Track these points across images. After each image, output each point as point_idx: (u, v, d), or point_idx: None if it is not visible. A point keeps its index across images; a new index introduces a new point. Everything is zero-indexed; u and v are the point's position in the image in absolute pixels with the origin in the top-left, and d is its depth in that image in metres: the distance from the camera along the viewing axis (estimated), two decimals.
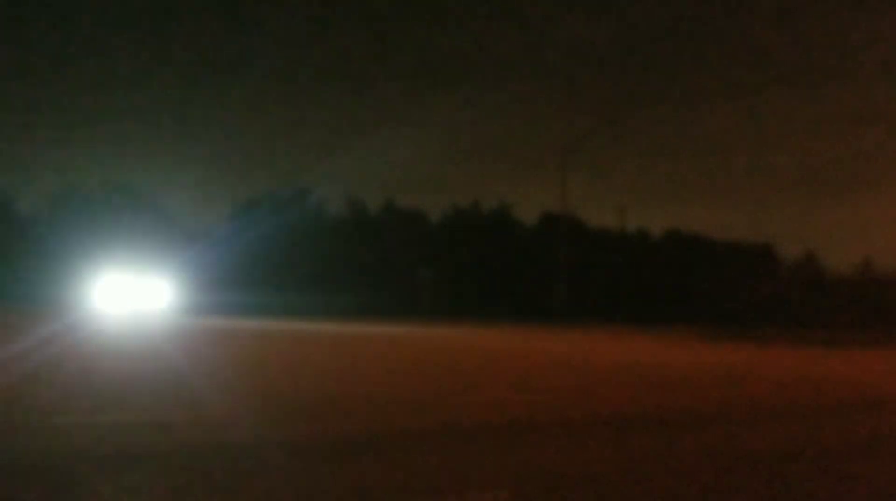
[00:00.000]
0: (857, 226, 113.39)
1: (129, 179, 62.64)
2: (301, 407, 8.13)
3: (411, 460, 5.48)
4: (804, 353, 23.30)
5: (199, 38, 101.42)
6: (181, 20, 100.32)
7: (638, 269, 64.05)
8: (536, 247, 57.16)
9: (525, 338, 27.13)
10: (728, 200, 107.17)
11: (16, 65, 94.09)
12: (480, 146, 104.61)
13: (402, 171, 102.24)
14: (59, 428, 6.42)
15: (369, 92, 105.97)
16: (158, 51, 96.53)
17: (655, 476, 5.28)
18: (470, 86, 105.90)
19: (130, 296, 25.03)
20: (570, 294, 47.28)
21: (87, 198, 59.00)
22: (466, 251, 58.46)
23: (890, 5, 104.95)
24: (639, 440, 6.70)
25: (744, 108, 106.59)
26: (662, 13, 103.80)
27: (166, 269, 30.34)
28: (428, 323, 36.88)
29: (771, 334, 39.10)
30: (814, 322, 67.65)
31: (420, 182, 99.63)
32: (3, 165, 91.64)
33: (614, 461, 5.69)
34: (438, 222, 65.49)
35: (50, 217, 58.14)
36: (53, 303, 35.87)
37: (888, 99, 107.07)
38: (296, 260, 52.20)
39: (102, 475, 4.88)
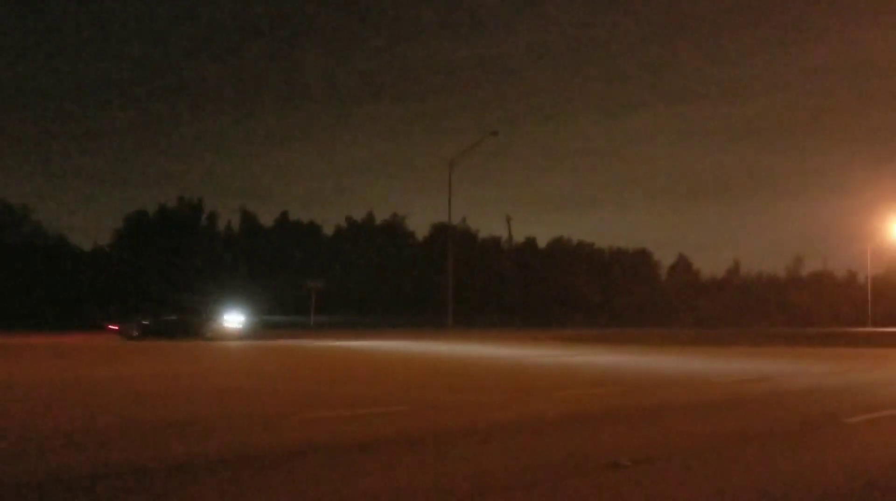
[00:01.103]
0: (726, 232, 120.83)
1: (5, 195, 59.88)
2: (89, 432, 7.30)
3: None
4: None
5: (83, 54, 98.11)
6: (65, 35, 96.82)
7: (525, 275, 66.14)
8: (428, 257, 58.41)
9: (404, 346, 27.32)
10: (609, 208, 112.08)
11: None
12: (375, 160, 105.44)
13: (298, 185, 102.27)
14: None
15: (264, 108, 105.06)
16: (42, 66, 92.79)
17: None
18: (365, 102, 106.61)
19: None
20: (460, 302, 48.37)
21: None
22: (360, 262, 59.08)
23: (766, 25, 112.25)
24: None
25: (623, 123, 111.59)
26: (552, 35, 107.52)
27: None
28: (314, 336, 36.31)
29: (630, 334, 40.97)
30: (689, 321, 71.75)
31: (315, 195, 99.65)
32: None
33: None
34: (333, 234, 65.91)
35: None
36: None
37: (754, 116, 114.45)
38: (186, 275, 51.51)
39: None
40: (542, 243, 76.89)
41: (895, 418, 10.07)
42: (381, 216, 67.94)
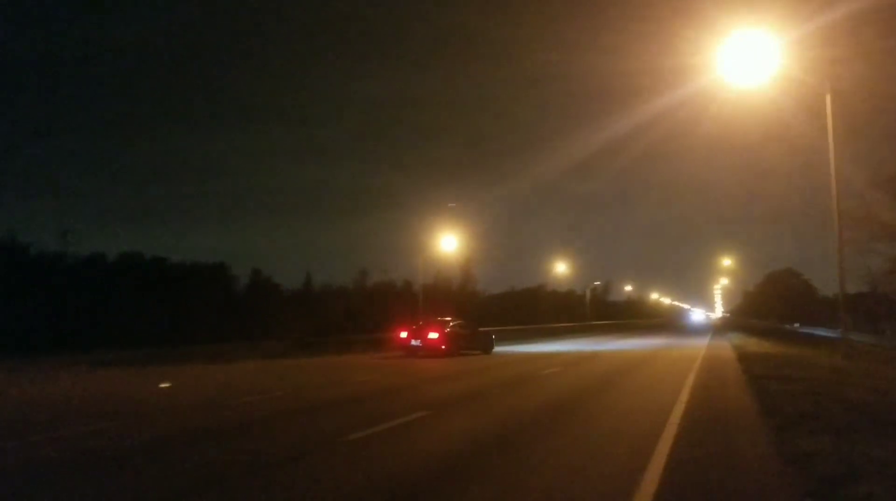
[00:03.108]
0: (301, 246, 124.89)
1: None
2: None
3: None
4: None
5: None
6: None
7: (88, 293, 59.52)
8: None
9: None
10: (187, 223, 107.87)
11: None
12: None
13: None
14: None
15: None
16: None
17: None
18: None
19: None
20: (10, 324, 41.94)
21: None
22: None
23: (340, 54, 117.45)
24: None
25: (204, 139, 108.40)
26: (125, 39, 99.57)
27: None
28: None
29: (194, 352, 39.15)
30: (267, 334, 71.29)
31: None
32: None
33: None
34: None
35: None
36: None
37: (327, 138, 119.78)
38: None
39: None
40: (111, 258, 70.68)
41: (393, 430, 10.09)
42: None
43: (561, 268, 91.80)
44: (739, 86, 26.89)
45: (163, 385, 18.41)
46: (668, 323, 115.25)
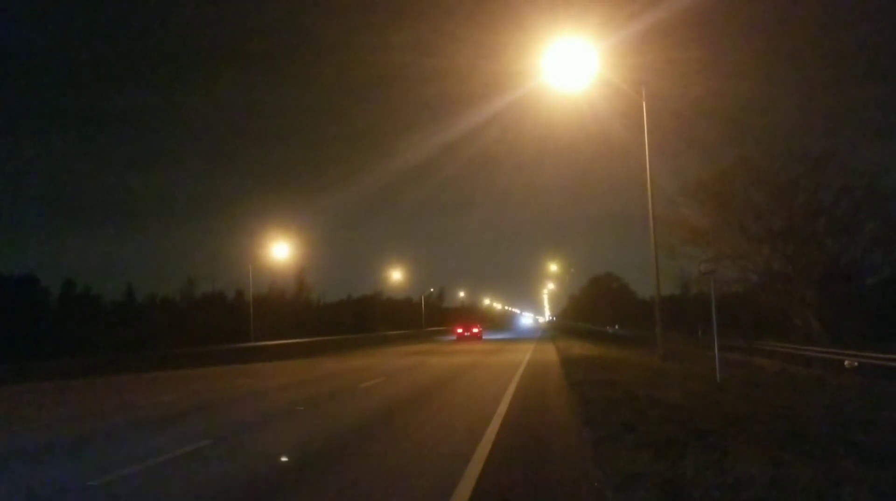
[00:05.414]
0: (120, 256, 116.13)
1: None
2: None
3: None
4: None
5: None
6: None
7: None
8: None
9: None
10: None
11: None
12: None
13: None
14: None
15: None
16: None
17: None
18: None
19: None
20: None
21: None
22: None
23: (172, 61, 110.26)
24: None
25: (7, 142, 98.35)
26: None
27: None
28: None
29: None
30: (83, 348, 64.71)
31: None
32: None
33: None
34: None
35: None
36: None
37: (148, 141, 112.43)
38: None
39: None
40: None
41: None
42: None
43: (397, 276, 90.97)
44: (563, 91, 26.68)
45: None
46: (499, 327, 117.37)
